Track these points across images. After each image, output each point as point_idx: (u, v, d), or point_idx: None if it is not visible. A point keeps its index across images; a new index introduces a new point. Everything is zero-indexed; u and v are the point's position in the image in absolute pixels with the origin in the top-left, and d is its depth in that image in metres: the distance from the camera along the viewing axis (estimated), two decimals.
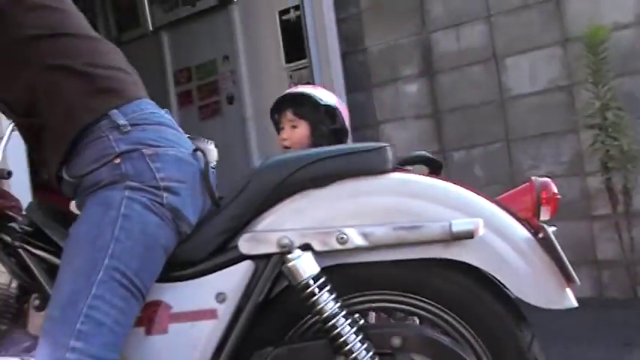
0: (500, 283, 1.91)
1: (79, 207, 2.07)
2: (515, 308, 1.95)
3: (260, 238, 1.98)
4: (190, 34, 7.03)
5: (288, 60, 6.30)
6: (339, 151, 2.04)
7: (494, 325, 1.93)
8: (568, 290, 1.89)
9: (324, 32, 6.10)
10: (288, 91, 3.59)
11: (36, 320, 2.07)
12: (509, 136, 5.61)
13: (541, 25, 5.46)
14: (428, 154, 2.53)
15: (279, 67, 6.31)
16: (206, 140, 2.18)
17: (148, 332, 1.99)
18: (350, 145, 2.14)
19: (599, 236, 5.22)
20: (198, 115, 7.01)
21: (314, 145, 3.35)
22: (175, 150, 2.04)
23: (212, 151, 2.16)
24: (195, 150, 2.09)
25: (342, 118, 3.44)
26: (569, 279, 1.87)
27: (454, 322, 1.96)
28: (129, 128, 2.01)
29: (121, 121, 2.01)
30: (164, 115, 2.12)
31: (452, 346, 1.92)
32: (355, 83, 6.18)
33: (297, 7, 6.19)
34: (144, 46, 7.23)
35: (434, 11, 5.90)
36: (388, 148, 2.01)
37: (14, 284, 2.10)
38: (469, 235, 1.88)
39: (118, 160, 1.99)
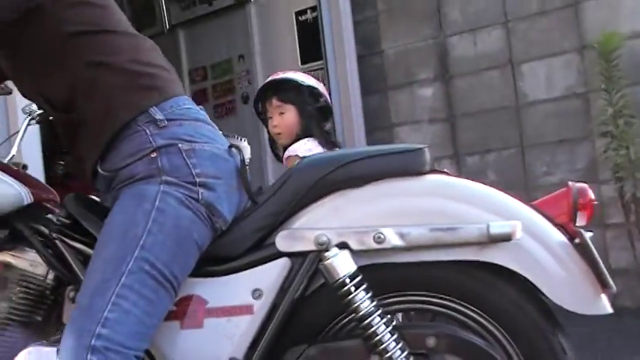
0: (535, 287, 1.92)
1: (113, 201, 2.08)
2: (550, 314, 1.96)
3: (297, 236, 1.99)
4: (206, 33, 7.05)
5: (304, 61, 6.33)
6: (378, 152, 2.05)
7: (529, 330, 1.94)
8: (603, 296, 1.90)
9: (340, 34, 6.11)
10: (270, 78, 3.70)
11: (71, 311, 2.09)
12: (523, 142, 5.61)
13: (558, 31, 5.47)
14: None
15: (294, 68, 6.30)
16: (240, 137, 2.19)
17: (184, 326, 2.01)
18: (388, 145, 2.15)
19: (612, 245, 5.22)
20: (213, 114, 7.01)
21: (304, 126, 3.52)
22: (211, 146, 2.05)
23: (246, 148, 2.17)
24: (231, 146, 2.10)
25: (325, 96, 3.61)
26: (604, 285, 1.88)
27: (488, 325, 1.97)
28: (166, 123, 2.03)
29: (158, 116, 2.03)
30: (200, 111, 2.14)
31: (486, 348, 1.94)
32: (370, 86, 6.20)
33: (314, 8, 6.21)
34: (160, 44, 7.13)
35: (451, 15, 5.91)
36: (426, 149, 2.03)
37: (51, 276, 2.12)
38: (507, 238, 1.89)
39: (154, 155, 2.00)
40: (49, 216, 2.15)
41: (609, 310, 1.90)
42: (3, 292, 2.11)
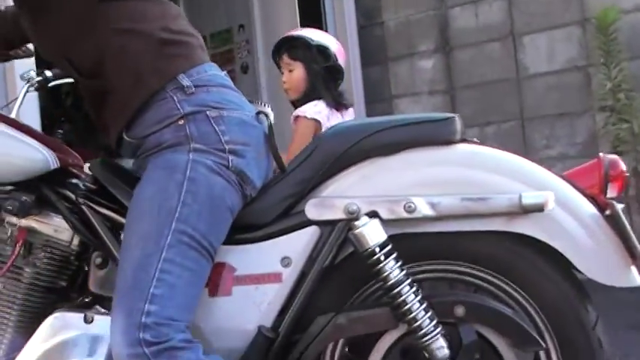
0: (565, 258, 1.92)
1: (138, 168, 2.07)
2: (580, 286, 1.97)
3: (327, 204, 1.99)
4: (206, 2, 6.99)
5: None
6: (409, 120, 2.04)
7: (558, 301, 1.95)
8: (633, 268, 1.90)
9: (341, 4, 6.09)
10: (285, 35, 3.79)
11: (97, 277, 2.08)
12: (524, 114, 5.62)
13: (560, 4, 5.47)
14: None
15: None
16: (264, 103, 2.18)
17: (212, 294, 2.00)
18: (419, 114, 2.14)
19: None
20: None
21: (311, 85, 3.62)
22: (239, 112, 2.04)
23: (270, 115, 2.16)
24: (258, 113, 2.09)
25: (335, 56, 3.67)
26: (634, 257, 1.88)
27: (517, 295, 1.97)
28: (193, 90, 2.01)
29: (186, 83, 2.01)
30: (225, 77, 2.12)
31: (514, 318, 1.93)
32: (371, 57, 6.18)
33: None
34: None
35: None
36: (457, 118, 2.02)
37: (75, 241, 2.11)
38: (539, 209, 1.88)
39: (182, 122, 1.99)
40: (75, 181, 2.13)
41: (637, 282, 1.90)
42: (28, 257, 2.09)
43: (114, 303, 1.87)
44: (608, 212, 1.90)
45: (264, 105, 2.18)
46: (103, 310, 2.08)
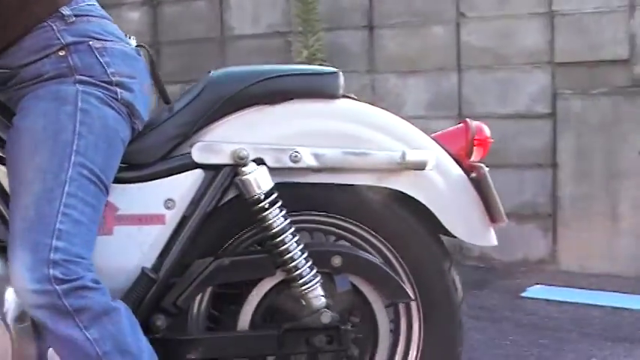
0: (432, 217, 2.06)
1: (8, 100, 1.93)
2: (444, 246, 2.12)
3: (215, 149, 1.98)
4: None
5: None
6: (296, 71, 2.08)
7: (423, 257, 2.09)
8: (491, 229, 2.09)
9: None
10: None
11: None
12: None
13: None
14: None
15: None
16: (129, 36, 2.11)
17: None
18: (306, 66, 2.17)
19: None
20: None
21: None
22: (122, 45, 1.99)
23: (149, 49, 2.13)
24: (138, 46, 2.04)
25: None
26: (494, 219, 2.07)
27: (380, 246, 2.09)
28: (73, 19, 1.92)
29: (66, 12, 1.92)
30: (102, 10, 2.04)
31: (388, 270, 2.05)
32: None
33: None
34: None
35: None
36: (340, 73, 2.09)
37: None
38: (421, 166, 2.01)
39: (63, 52, 1.90)
40: None
41: (495, 242, 2.09)
42: None
43: (13, 239, 1.75)
44: (473, 175, 2.07)
45: (130, 37, 2.11)
46: None
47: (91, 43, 1.91)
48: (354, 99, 2.12)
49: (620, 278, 4.44)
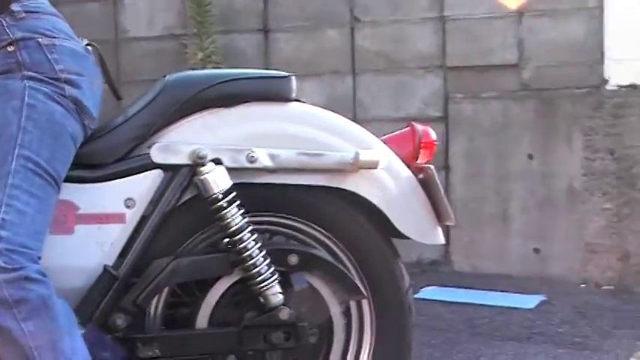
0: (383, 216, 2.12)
1: None
2: (391, 243, 2.19)
3: (173, 149, 2.01)
4: None
5: None
6: (251, 75, 2.13)
7: (373, 254, 2.16)
8: (439, 228, 2.18)
9: None
10: None
11: None
12: (120, 78, 5.66)
13: None
14: None
15: None
16: (80, 38, 2.13)
17: (53, 232, 1.90)
18: (259, 70, 2.21)
19: None
20: None
21: None
22: (71, 42, 2.00)
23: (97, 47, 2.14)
24: (88, 44, 2.07)
25: None
26: (441, 218, 2.16)
27: (333, 246, 2.15)
28: (23, 15, 1.93)
29: (15, 7, 1.93)
30: (52, 7, 2.05)
31: (342, 268, 2.12)
32: None
33: None
34: None
35: None
36: (293, 77, 2.14)
37: None
38: (373, 166, 2.08)
39: (11, 48, 1.91)
40: None
41: (442, 241, 2.18)
42: None
43: None
44: (421, 176, 2.15)
45: (82, 39, 2.12)
46: None
47: (40, 39, 1.93)
48: (305, 102, 2.18)
49: (510, 278, 4.62)
